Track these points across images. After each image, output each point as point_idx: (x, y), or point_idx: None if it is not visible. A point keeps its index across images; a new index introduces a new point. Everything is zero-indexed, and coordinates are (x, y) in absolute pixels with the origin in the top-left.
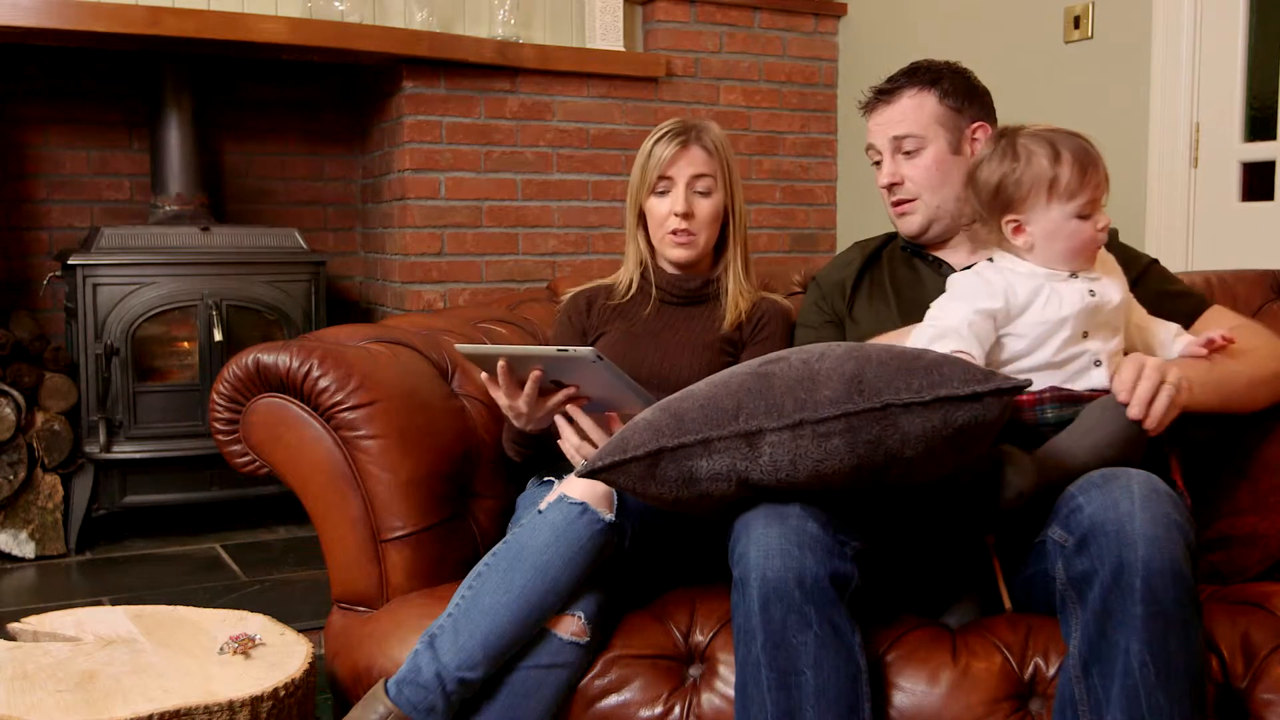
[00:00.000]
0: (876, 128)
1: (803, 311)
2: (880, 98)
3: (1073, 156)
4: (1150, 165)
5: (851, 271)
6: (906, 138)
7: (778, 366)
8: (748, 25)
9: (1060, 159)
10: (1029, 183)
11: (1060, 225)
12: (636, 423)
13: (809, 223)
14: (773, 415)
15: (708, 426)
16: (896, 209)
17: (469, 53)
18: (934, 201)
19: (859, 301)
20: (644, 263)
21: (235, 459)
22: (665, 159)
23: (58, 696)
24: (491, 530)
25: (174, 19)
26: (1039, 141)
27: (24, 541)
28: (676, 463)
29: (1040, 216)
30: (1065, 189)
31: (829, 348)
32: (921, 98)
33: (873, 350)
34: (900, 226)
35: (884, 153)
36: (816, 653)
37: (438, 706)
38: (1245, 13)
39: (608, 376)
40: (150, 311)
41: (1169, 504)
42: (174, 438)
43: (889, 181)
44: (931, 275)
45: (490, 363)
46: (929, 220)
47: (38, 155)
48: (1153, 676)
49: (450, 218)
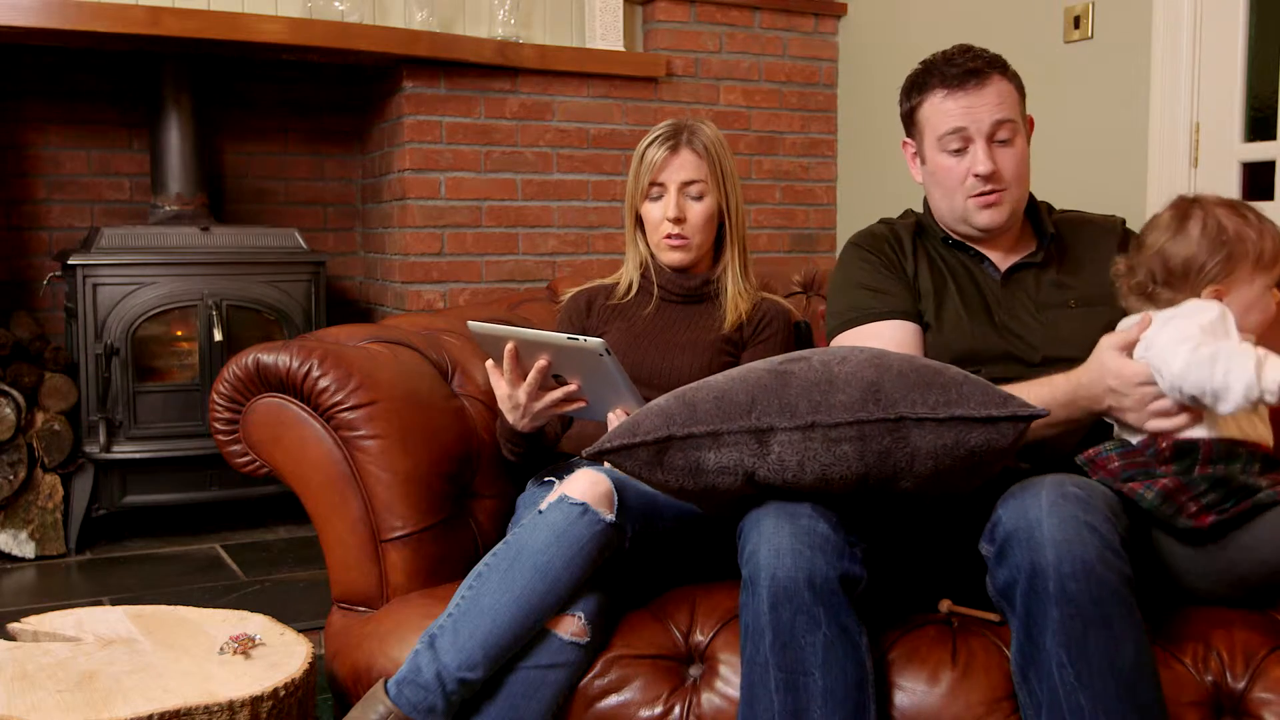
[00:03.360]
0: (965, 110)
1: (846, 271)
2: (972, 77)
3: (1269, 230)
4: (1150, 165)
5: (907, 234)
6: (1005, 123)
7: (798, 366)
8: (748, 25)
9: (1264, 233)
10: (1239, 255)
11: (1261, 297)
12: (650, 408)
13: (809, 223)
14: (785, 414)
15: (719, 419)
16: (982, 199)
17: (469, 53)
18: (1018, 194)
19: (921, 269)
20: (644, 264)
21: (235, 459)
22: (656, 164)
23: (58, 696)
24: (491, 530)
25: (174, 19)
26: (1233, 214)
27: (24, 541)
28: (684, 452)
29: (1244, 288)
30: (1269, 260)
31: (852, 351)
32: (1007, 84)
33: (895, 360)
34: (981, 219)
35: (977, 138)
36: (825, 654)
37: (438, 707)
38: (1245, 13)
39: (611, 374)
40: (150, 311)
41: (1078, 506)
42: (174, 438)
43: (988, 170)
44: (981, 272)
45: (499, 345)
46: (1011, 214)
47: (38, 155)
48: (1072, 678)
49: (450, 218)
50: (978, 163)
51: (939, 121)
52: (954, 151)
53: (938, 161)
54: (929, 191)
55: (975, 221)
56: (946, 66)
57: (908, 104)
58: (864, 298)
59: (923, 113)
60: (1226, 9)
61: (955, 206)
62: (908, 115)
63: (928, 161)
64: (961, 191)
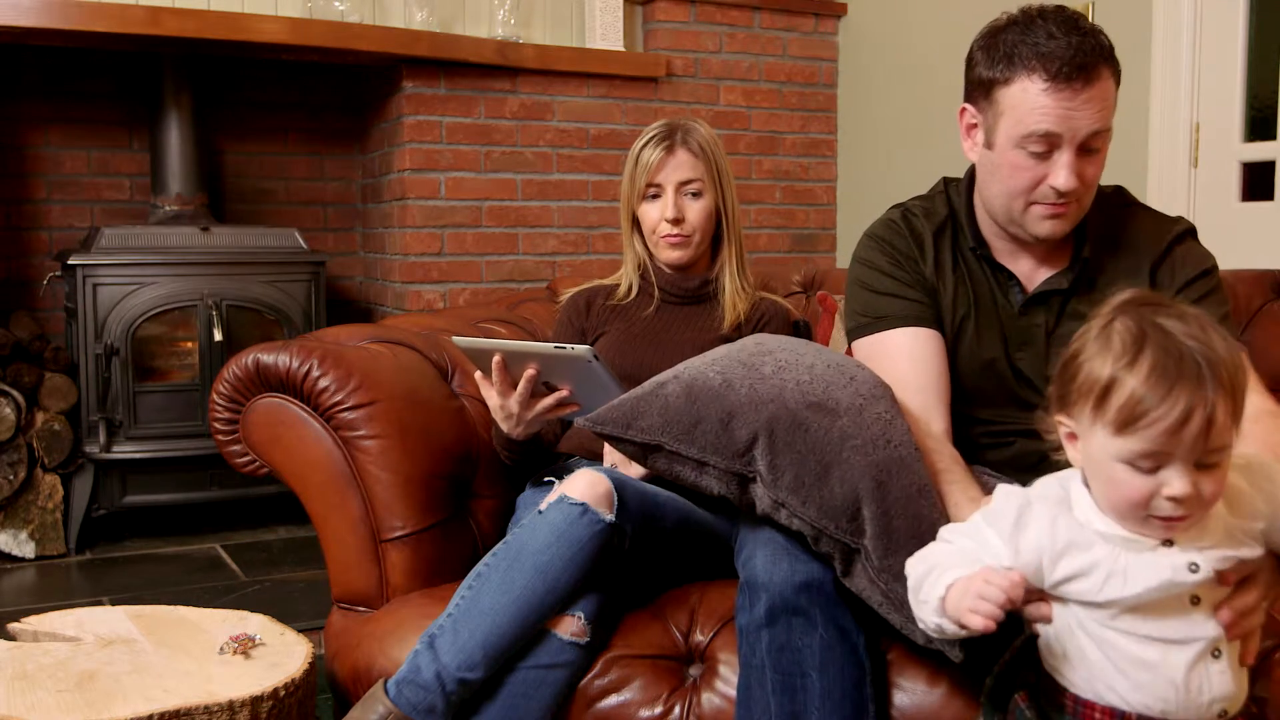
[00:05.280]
0: (1065, 114)
1: (862, 274)
2: (1081, 73)
3: (1152, 372)
4: (1150, 165)
5: (930, 234)
6: (1102, 133)
7: (818, 420)
8: (748, 25)
9: (1135, 365)
10: (1081, 379)
11: (1102, 461)
12: (654, 398)
13: (809, 223)
14: (771, 474)
15: (712, 449)
16: (1050, 209)
17: (469, 53)
18: (1087, 203)
19: (944, 281)
20: (642, 265)
21: (235, 459)
22: (652, 165)
23: (58, 696)
24: (491, 530)
25: (174, 19)
26: (1139, 321)
27: (24, 541)
28: (669, 462)
29: (1086, 433)
30: (1116, 413)
31: (882, 433)
32: (1111, 79)
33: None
34: (1041, 229)
35: (1067, 147)
36: (822, 655)
37: (437, 707)
38: (1245, 13)
39: (602, 379)
40: (150, 311)
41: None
42: (174, 438)
43: (1071, 186)
44: (1004, 299)
45: (485, 358)
46: (1074, 224)
47: (38, 155)
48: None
49: (450, 218)
50: (1060, 176)
51: (1029, 118)
52: (1034, 154)
53: (1010, 157)
54: (984, 178)
55: (1033, 230)
56: (1051, 45)
57: (989, 72)
58: (877, 303)
59: (1009, 94)
60: (1226, 9)
61: (1013, 208)
62: (984, 84)
63: (995, 149)
64: (1027, 197)
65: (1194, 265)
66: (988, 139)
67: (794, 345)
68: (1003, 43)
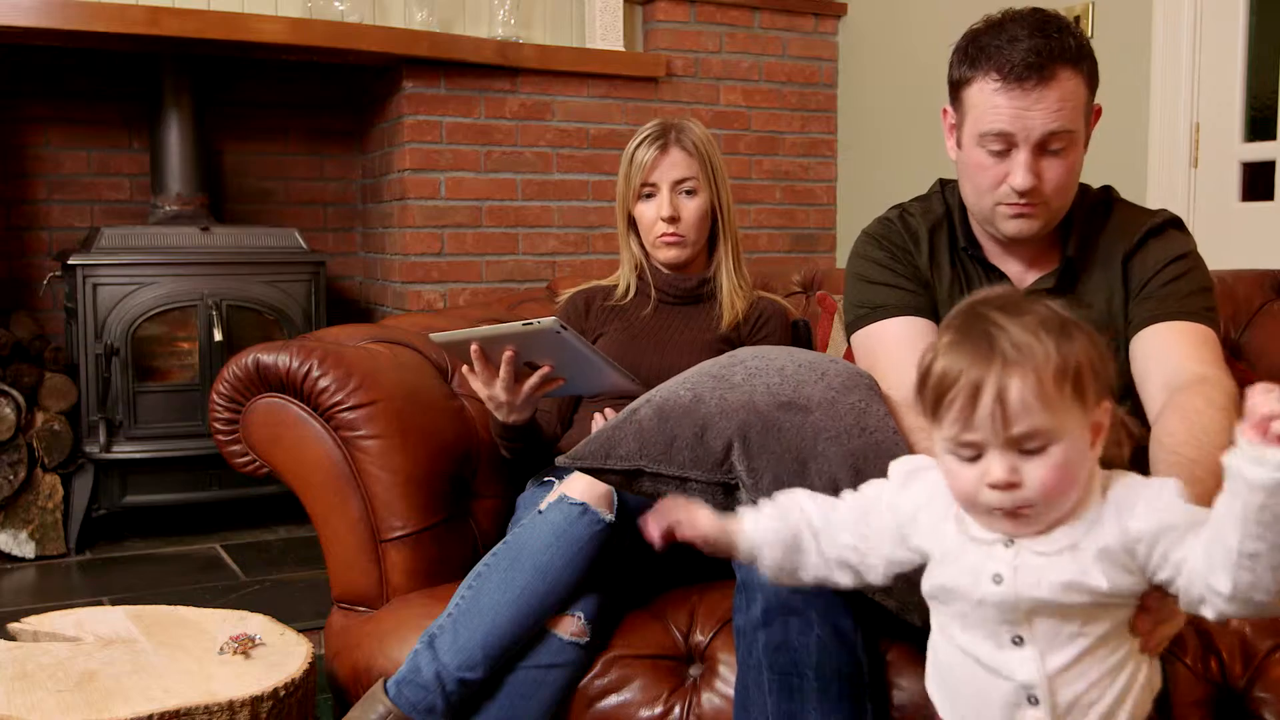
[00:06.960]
0: (1016, 113)
1: (858, 268)
2: (1033, 74)
3: (948, 350)
4: (1150, 165)
5: (925, 232)
6: (1060, 134)
7: (792, 419)
8: (748, 25)
9: (942, 348)
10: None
11: (940, 454)
12: (628, 424)
13: (809, 223)
14: (751, 478)
15: (691, 466)
16: (1013, 209)
17: (469, 53)
18: (1058, 206)
19: (940, 277)
20: (639, 265)
21: (235, 459)
22: (646, 164)
23: (58, 696)
24: (491, 530)
25: (174, 19)
26: (964, 311)
27: (24, 541)
28: (652, 484)
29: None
30: (930, 397)
31: (857, 420)
32: (1077, 81)
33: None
34: (1008, 228)
35: (1022, 146)
36: (819, 655)
37: (437, 706)
38: (1245, 13)
39: (577, 349)
40: (150, 311)
41: None
42: (174, 438)
43: (1027, 185)
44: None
45: (463, 349)
46: (1044, 226)
47: (38, 155)
48: None
49: (450, 218)
50: (1016, 175)
51: (985, 117)
52: (993, 152)
53: (974, 156)
54: (960, 178)
55: (1003, 229)
56: (1009, 46)
57: (957, 73)
58: (873, 294)
59: (970, 94)
60: (1226, 9)
61: (983, 207)
62: (954, 85)
63: (963, 149)
64: (991, 196)
65: (1165, 252)
66: (959, 139)
67: (765, 352)
68: (968, 48)
